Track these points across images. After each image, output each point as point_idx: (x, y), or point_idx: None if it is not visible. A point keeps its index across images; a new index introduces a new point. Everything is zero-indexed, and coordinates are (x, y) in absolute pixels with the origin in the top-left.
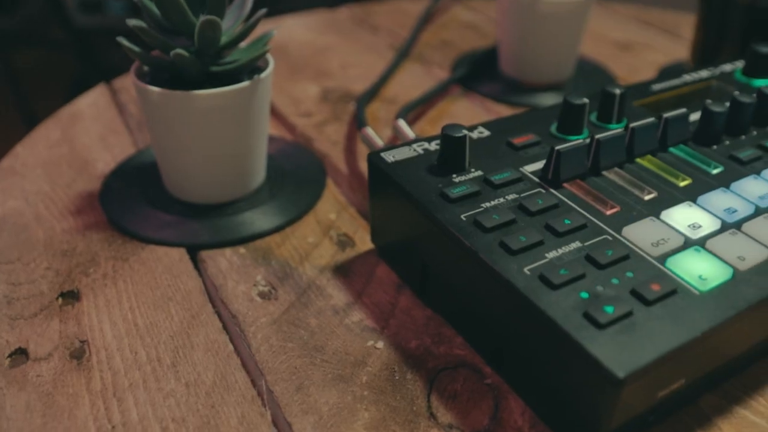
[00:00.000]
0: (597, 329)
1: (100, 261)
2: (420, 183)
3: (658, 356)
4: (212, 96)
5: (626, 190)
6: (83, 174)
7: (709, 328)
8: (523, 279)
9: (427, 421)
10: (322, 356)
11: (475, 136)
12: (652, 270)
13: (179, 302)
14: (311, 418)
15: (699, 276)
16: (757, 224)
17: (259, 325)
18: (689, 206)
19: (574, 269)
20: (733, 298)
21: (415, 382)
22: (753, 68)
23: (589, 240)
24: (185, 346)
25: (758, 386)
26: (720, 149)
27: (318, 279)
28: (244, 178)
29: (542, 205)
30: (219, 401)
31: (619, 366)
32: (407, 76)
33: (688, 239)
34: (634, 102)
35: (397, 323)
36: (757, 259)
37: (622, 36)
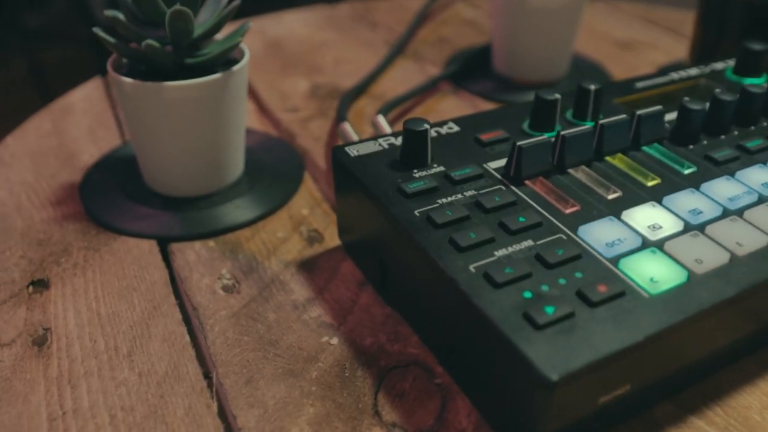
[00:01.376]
0: (534, 330)
1: (73, 251)
2: (379, 178)
3: (594, 360)
4: (183, 87)
5: (590, 188)
6: (68, 166)
7: (653, 332)
8: (466, 277)
9: (370, 418)
10: (276, 350)
11: (444, 131)
12: (603, 271)
13: (143, 293)
14: (256, 412)
15: (650, 278)
16: (722, 226)
17: (218, 318)
18: (653, 206)
19: (521, 268)
20: (683, 303)
21: (365, 379)
22: (744, 66)
23: (542, 239)
24: (143, 336)
25: (718, 396)
26: (696, 149)
27: (282, 274)
28: (219, 172)
29: (499, 202)
30: (168, 391)
31: (551, 368)
32: (399, 72)
33: (646, 240)
34: (614, 99)
35: (354, 320)
36: (715, 263)
37: (624, 35)
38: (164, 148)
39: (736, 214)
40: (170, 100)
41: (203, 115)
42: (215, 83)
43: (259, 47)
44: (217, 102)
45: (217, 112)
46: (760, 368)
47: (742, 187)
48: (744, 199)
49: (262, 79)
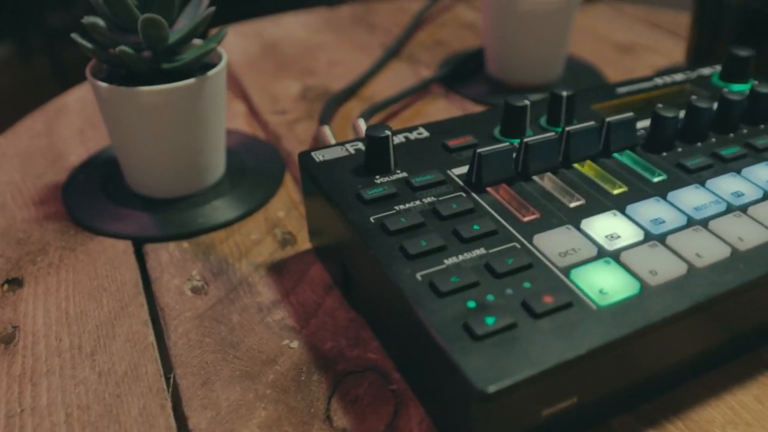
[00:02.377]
0: (473, 341)
1: (50, 250)
2: (340, 183)
3: (531, 374)
4: (157, 92)
5: (553, 196)
6: (55, 166)
7: (596, 346)
8: (411, 285)
9: (321, 423)
10: (235, 353)
11: (413, 137)
12: (552, 281)
13: (112, 293)
14: (209, 413)
15: (600, 290)
16: (683, 237)
17: (183, 319)
18: (614, 215)
19: (468, 277)
20: (631, 315)
21: (320, 383)
22: (730, 72)
23: (495, 247)
24: (107, 336)
25: (680, 409)
26: (670, 156)
27: (251, 276)
28: (197, 174)
29: (456, 209)
30: (126, 391)
31: (484, 381)
32: (392, 75)
33: (602, 250)
34: (592, 105)
35: (317, 324)
36: (670, 275)
37: (624, 38)
38: (141, 151)
39: (700, 224)
40: (145, 104)
41: (179, 119)
42: (190, 88)
43: (256, 49)
44: (192, 106)
45: (193, 116)
46: (725, 382)
47: (710, 197)
48: (710, 209)
49: (255, 81)
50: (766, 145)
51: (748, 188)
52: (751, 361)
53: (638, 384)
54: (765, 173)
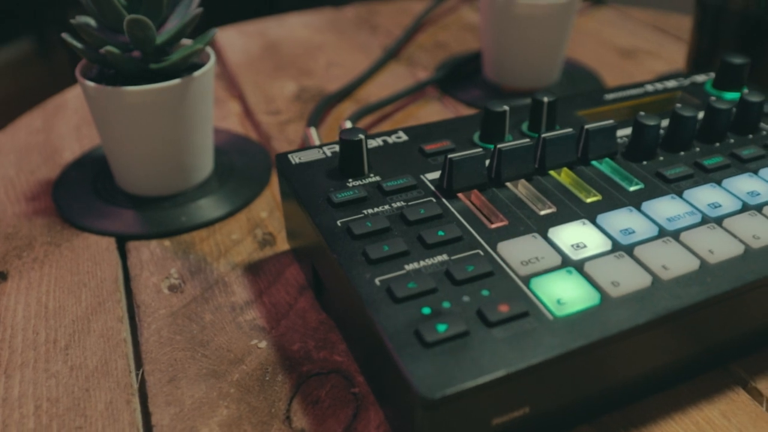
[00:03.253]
0: (423, 347)
1: (36, 245)
2: (313, 186)
3: (479, 382)
4: (141, 92)
5: (524, 203)
6: (49, 162)
7: (547, 357)
8: (369, 289)
9: (280, 424)
10: (204, 351)
11: (391, 141)
12: (511, 289)
13: (92, 289)
14: (172, 410)
15: (557, 300)
16: (652, 248)
17: (157, 317)
18: (583, 224)
19: (426, 283)
20: (587, 327)
21: (284, 384)
22: (724, 80)
23: (458, 254)
24: (82, 331)
25: (643, 422)
26: (650, 165)
27: (228, 275)
28: (183, 173)
29: (423, 214)
30: (94, 385)
31: (429, 388)
32: (389, 77)
33: (567, 259)
34: (578, 112)
35: (287, 324)
36: (633, 286)
37: (627, 42)
38: (127, 149)
39: (671, 236)
40: (131, 104)
41: (165, 119)
42: (175, 88)
43: (256, 49)
44: (178, 106)
45: (179, 116)
46: (693, 396)
47: (685, 207)
48: (684, 220)
49: (252, 80)
50: (751, 155)
51: (726, 200)
52: (721, 376)
53: (599, 395)
54: (746, 185)
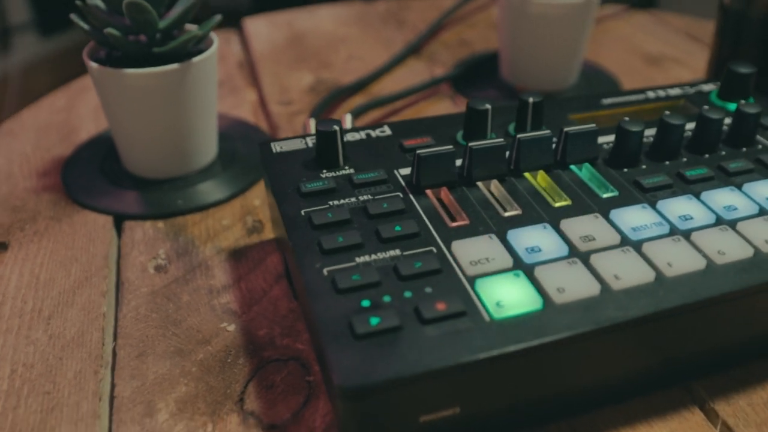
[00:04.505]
0: (353, 339)
1: (39, 219)
2: (287, 175)
3: (399, 377)
4: (139, 75)
5: (490, 204)
6: (65, 141)
7: (472, 359)
8: (316, 278)
9: (233, 405)
10: (175, 330)
11: (374, 134)
12: (455, 288)
13: (82, 264)
14: (135, 383)
15: (497, 302)
16: (608, 256)
17: (138, 294)
18: (543, 228)
19: (370, 276)
20: (522, 332)
21: (243, 367)
22: (729, 90)
23: (411, 249)
24: (66, 303)
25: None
26: (630, 173)
27: (211, 259)
28: (184, 157)
29: (386, 209)
30: (68, 355)
31: (348, 378)
32: (407, 72)
33: (519, 262)
34: (570, 115)
35: (258, 310)
36: (579, 294)
37: (655, 49)
38: (129, 131)
39: (632, 245)
40: (131, 86)
41: (164, 103)
42: (174, 73)
43: (282, 39)
44: (177, 90)
45: (179, 101)
46: (646, 412)
47: (655, 217)
48: (650, 231)
49: (271, 70)
50: (738, 169)
51: (700, 213)
52: (680, 394)
53: (543, 402)
54: (725, 198)
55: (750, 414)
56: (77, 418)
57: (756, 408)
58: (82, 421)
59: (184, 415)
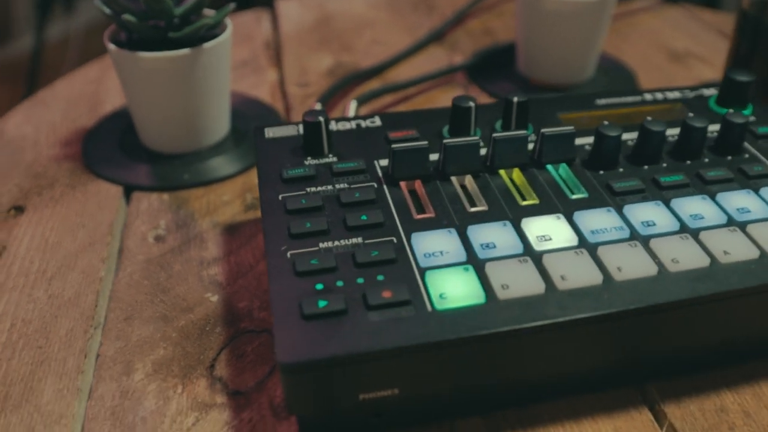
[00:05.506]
0: (300, 319)
1: (56, 186)
2: (274, 160)
3: (336, 356)
4: (152, 59)
5: (458, 198)
6: (91, 112)
7: (405, 344)
8: (279, 260)
9: (204, 370)
10: (163, 297)
11: (364, 125)
12: (405, 278)
13: (89, 230)
14: (119, 344)
15: (441, 294)
16: (561, 257)
17: (135, 261)
18: (503, 226)
19: (328, 262)
20: (459, 324)
21: (219, 336)
22: (727, 96)
23: (373, 239)
24: (68, 266)
25: (532, 425)
26: (606, 175)
27: (207, 232)
28: (194, 135)
29: (357, 198)
30: (63, 313)
31: (287, 354)
32: (426, 60)
33: (473, 257)
34: (561, 114)
35: (243, 284)
36: (523, 292)
37: (683, 45)
38: (142, 108)
39: (587, 248)
40: (144, 68)
41: (175, 85)
42: (185, 57)
43: (310, 21)
44: (188, 74)
45: (190, 83)
46: (594, 408)
47: (617, 222)
48: (608, 234)
49: (294, 52)
50: (716, 178)
51: (664, 219)
52: (632, 394)
53: (487, 390)
54: (695, 207)
55: (699, 419)
56: (62, 372)
57: (706, 414)
58: (66, 375)
59: (158, 376)
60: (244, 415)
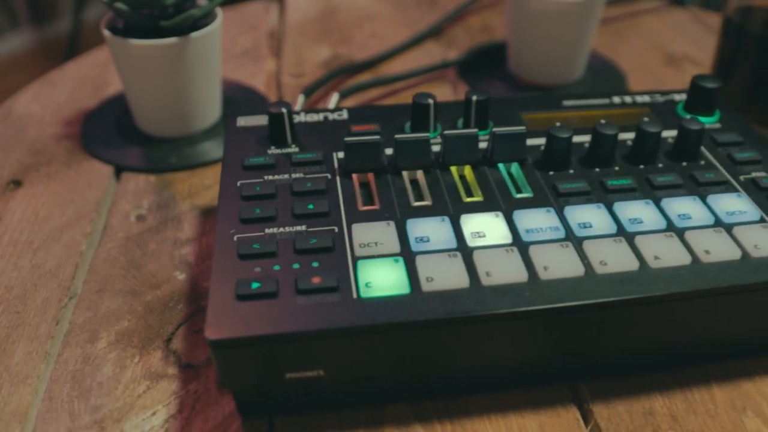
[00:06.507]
0: (234, 299)
1: (53, 163)
2: (239, 148)
3: (260, 336)
4: (143, 46)
5: (405, 192)
6: (96, 94)
7: (323, 328)
8: (225, 243)
9: (161, 343)
10: (135, 273)
11: (331, 117)
12: (338, 266)
13: (76, 206)
14: (88, 314)
15: (366, 283)
16: (490, 254)
17: (115, 238)
18: (441, 221)
19: (269, 247)
20: (379, 312)
21: (180, 312)
22: (694, 103)
23: (316, 227)
24: (53, 239)
25: (458, 415)
26: (555, 176)
27: (185, 214)
28: (183, 120)
29: (309, 187)
30: (42, 283)
31: (215, 330)
32: (421, 55)
33: (405, 250)
34: (524, 114)
35: (210, 264)
36: (446, 285)
37: (680, 48)
38: (135, 93)
39: (519, 246)
40: (134, 55)
41: (164, 71)
42: (173, 46)
43: (315, 12)
44: (177, 61)
45: (178, 70)
46: (522, 402)
47: (554, 222)
48: (543, 234)
49: (294, 42)
50: (664, 183)
51: (602, 222)
52: (563, 391)
53: (410, 379)
54: (635, 211)
55: (625, 420)
56: (34, 337)
57: (633, 416)
58: (37, 339)
59: (119, 345)
60: (190, 387)
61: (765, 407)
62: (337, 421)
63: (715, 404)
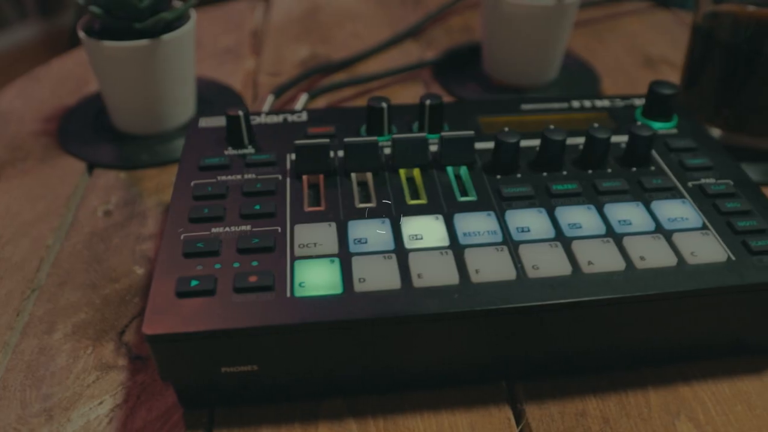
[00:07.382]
0: (174, 295)
1: (29, 159)
2: (197, 148)
3: (193, 332)
4: (115, 48)
5: (351, 194)
6: (77, 92)
7: (255, 325)
8: (171, 243)
9: (114, 335)
10: (97, 267)
11: (291, 119)
12: (276, 265)
13: (48, 201)
14: (49, 306)
15: (300, 282)
16: (424, 257)
17: (81, 233)
18: (381, 223)
19: (212, 246)
20: (310, 310)
21: (136, 306)
22: (651, 108)
23: (261, 227)
24: (21, 233)
25: (390, 411)
26: (502, 180)
27: (150, 210)
28: (156, 119)
29: (258, 188)
30: (8, 275)
31: (151, 325)
32: (399, 55)
33: (342, 251)
34: (480, 118)
35: None
36: (377, 286)
37: (659, 51)
38: (109, 92)
39: (454, 249)
40: (108, 56)
41: (137, 72)
42: (144, 48)
43: (299, 11)
44: (149, 62)
45: (150, 71)
46: (455, 401)
47: (493, 226)
48: (480, 238)
49: (275, 41)
50: (609, 188)
51: (542, 226)
52: (497, 391)
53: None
54: (576, 216)
55: (556, 421)
56: None
57: (565, 417)
58: None
59: (75, 337)
60: (138, 378)
61: (699, 412)
62: (274, 415)
63: (650, 408)
